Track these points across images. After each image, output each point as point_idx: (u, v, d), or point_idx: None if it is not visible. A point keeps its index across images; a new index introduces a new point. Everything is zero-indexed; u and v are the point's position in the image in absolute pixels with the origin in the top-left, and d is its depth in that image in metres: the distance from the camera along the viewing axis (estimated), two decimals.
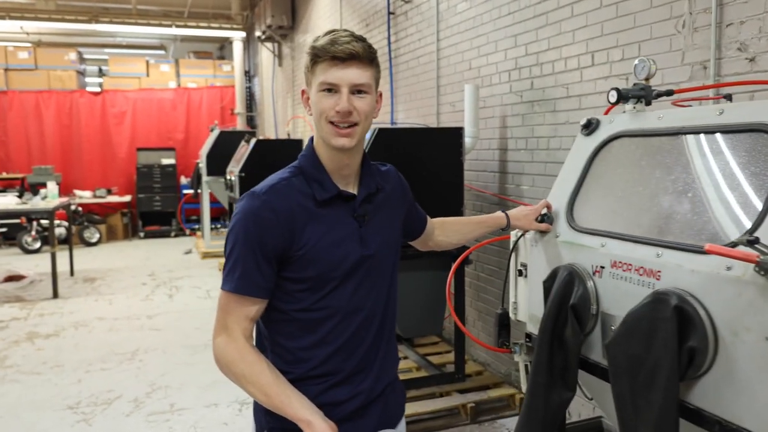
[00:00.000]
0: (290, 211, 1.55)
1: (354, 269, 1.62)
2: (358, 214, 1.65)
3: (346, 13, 7.38)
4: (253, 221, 1.53)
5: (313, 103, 1.59)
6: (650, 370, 1.53)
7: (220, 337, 1.58)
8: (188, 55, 14.38)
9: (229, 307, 1.56)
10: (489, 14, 4.37)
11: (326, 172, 1.62)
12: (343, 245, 1.60)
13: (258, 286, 1.55)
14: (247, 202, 1.56)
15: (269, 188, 1.57)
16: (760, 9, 2.56)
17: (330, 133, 1.57)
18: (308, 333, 1.61)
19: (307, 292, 1.59)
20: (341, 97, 1.54)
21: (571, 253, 1.93)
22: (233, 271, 1.54)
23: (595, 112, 3.40)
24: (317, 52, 1.54)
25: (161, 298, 7.35)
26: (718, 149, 1.66)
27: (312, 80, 1.58)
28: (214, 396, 4.43)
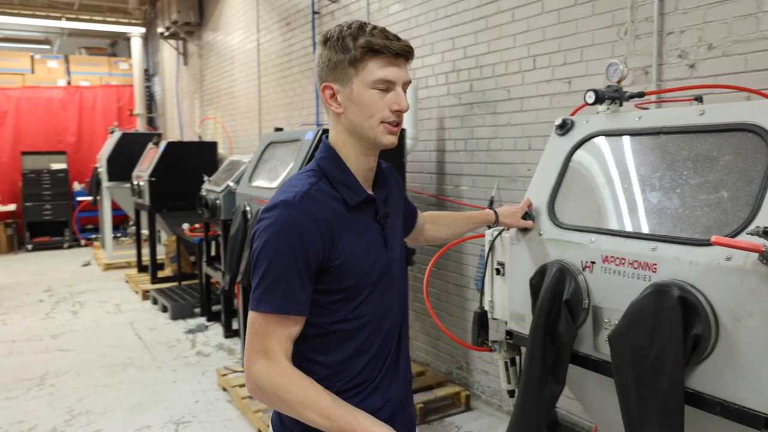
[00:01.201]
0: (328, 219, 1.47)
1: (382, 274, 1.59)
2: (381, 217, 1.61)
3: (264, 11, 7.24)
4: (296, 233, 1.42)
5: (357, 101, 1.49)
6: (655, 359, 1.59)
7: (258, 363, 1.43)
8: (79, 51, 13.54)
9: (269, 329, 1.43)
10: (425, 16, 4.42)
11: (353, 175, 1.56)
12: (372, 250, 1.56)
13: (302, 303, 1.45)
14: (283, 211, 1.44)
15: (303, 195, 1.46)
16: (699, 19, 2.74)
17: (382, 132, 1.51)
18: (345, 344, 1.55)
19: (343, 302, 1.53)
20: (398, 94, 1.50)
21: (557, 249, 1.99)
22: (273, 289, 1.42)
23: (537, 115, 3.54)
24: (375, 47, 1.45)
25: (64, 316, 6.82)
26: (702, 148, 1.76)
27: (355, 76, 1.48)
28: (145, 418, 4.16)
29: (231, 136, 8.48)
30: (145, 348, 5.62)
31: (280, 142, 4.35)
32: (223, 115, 8.88)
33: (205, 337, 5.92)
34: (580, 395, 2.17)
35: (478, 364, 4.18)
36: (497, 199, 3.86)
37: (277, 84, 7.00)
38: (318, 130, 3.85)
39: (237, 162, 6.02)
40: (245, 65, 7.95)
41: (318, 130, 3.82)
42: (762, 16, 2.50)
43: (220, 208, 5.42)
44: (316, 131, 3.85)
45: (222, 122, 8.83)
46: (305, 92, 6.34)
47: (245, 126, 8.09)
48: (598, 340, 1.87)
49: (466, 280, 4.20)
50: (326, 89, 1.53)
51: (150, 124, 12.79)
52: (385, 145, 1.54)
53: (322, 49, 1.52)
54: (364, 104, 1.49)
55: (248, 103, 7.92)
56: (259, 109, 7.54)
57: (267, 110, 7.35)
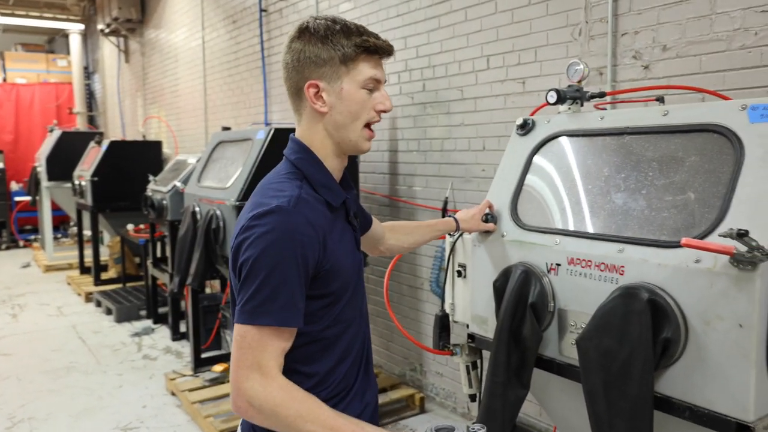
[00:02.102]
0: (322, 223, 1.41)
1: (358, 276, 1.56)
2: (352, 218, 1.57)
3: (209, 9, 7.05)
4: (297, 240, 1.33)
5: (346, 100, 1.43)
6: (623, 362, 1.57)
7: (251, 380, 1.32)
8: (15, 48, 12.99)
9: (264, 342, 1.33)
10: (376, 15, 4.36)
11: (331, 175, 1.50)
12: (350, 252, 1.52)
13: (301, 314, 1.37)
14: (281, 218, 1.34)
15: (297, 199, 1.38)
16: (653, 20, 2.76)
17: (362, 136, 1.48)
18: (329, 352, 1.48)
19: (328, 307, 1.46)
20: (383, 94, 1.47)
21: (520, 251, 1.95)
22: (272, 300, 1.32)
23: (491, 115, 3.52)
24: (370, 46, 1.42)
25: (3, 319, 6.53)
26: (667, 148, 1.75)
27: (345, 74, 1.42)
28: (91, 424, 4.00)
29: (176, 136, 8.25)
30: (89, 352, 5.40)
31: (230, 141, 4.22)
32: (168, 114, 8.63)
33: (152, 340, 5.73)
34: (542, 399, 2.15)
35: (432, 366, 4.15)
36: (451, 199, 3.82)
37: (223, 82, 6.83)
38: (269, 129, 3.74)
39: (183, 162, 5.84)
40: (190, 63, 7.73)
41: (269, 129, 3.71)
42: (716, 18, 2.52)
43: (166, 208, 5.26)
44: (267, 130, 3.74)
45: (166, 121, 8.57)
46: (253, 91, 6.20)
47: (191, 125, 7.87)
48: (563, 344, 1.84)
49: (420, 281, 4.16)
50: (311, 87, 1.44)
51: (90, 122, 12.36)
52: (363, 150, 1.50)
53: (302, 44, 1.43)
54: (354, 104, 1.44)
55: (193, 102, 7.71)
56: (205, 107, 7.35)
57: (213, 109, 7.16)
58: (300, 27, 1.45)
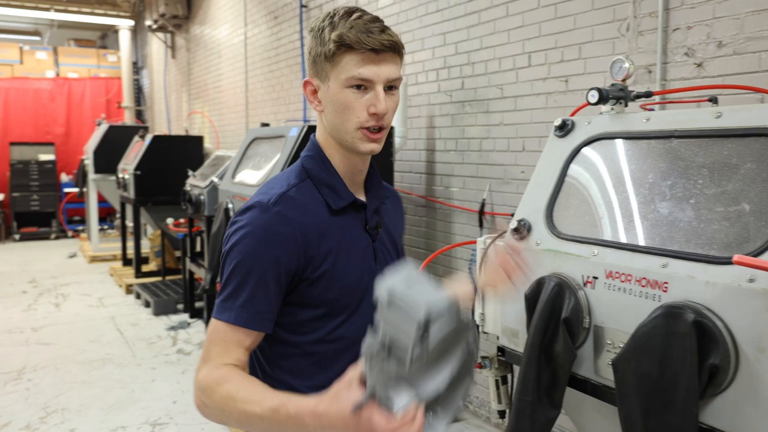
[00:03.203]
0: (306, 224, 1.32)
1: (370, 291, 1.37)
2: (371, 227, 1.44)
3: (251, 5, 7.04)
4: (264, 237, 1.28)
5: (333, 100, 1.32)
6: (665, 389, 1.43)
7: (202, 370, 1.28)
8: (68, 43, 13.30)
9: (221, 337, 1.29)
10: (415, 11, 4.24)
11: (339, 176, 1.40)
12: (360, 262, 1.40)
13: (264, 317, 1.29)
14: (256, 214, 1.30)
15: (280, 197, 1.32)
16: (708, 15, 2.58)
17: (357, 138, 1.33)
18: (321, 369, 1.37)
19: (323, 319, 1.36)
20: (377, 95, 1.29)
21: (555, 262, 1.82)
22: (234, 297, 1.28)
23: (532, 114, 3.37)
24: (349, 41, 1.27)
25: (47, 308, 6.64)
26: (719, 154, 1.59)
27: (332, 72, 1.31)
28: (121, 418, 4.00)
29: (218, 131, 8.28)
30: (125, 344, 5.44)
31: (264, 138, 4.17)
32: (210, 109, 8.68)
33: (187, 335, 5.74)
34: (577, 419, 2.01)
35: None
36: (489, 201, 3.69)
37: (264, 78, 6.81)
38: (303, 126, 3.67)
39: (222, 157, 5.84)
40: (232, 59, 7.75)
41: (303, 127, 3.64)
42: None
43: (203, 203, 5.25)
44: (300, 128, 3.67)
45: (209, 116, 8.62)
46: (292, 87, 6.15)
47: (232, 121, 7.89)
48: (599, 363, 1.70)
49: None
50: (307, 85, 1.38)
51: (138, 117, 12.56)
52: (363, 152, 1.35)
53: (309, 38, 1.37)
54: (340, 105, 1.31)
55: (235, 98, 7.73)
56: (245, 103, 7.35)
57: (254, 105, 7.16)
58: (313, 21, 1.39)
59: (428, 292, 1.01)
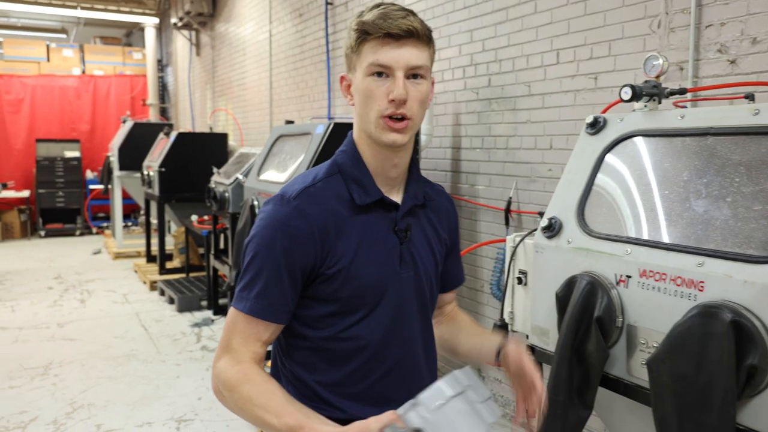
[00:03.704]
0: (324, 220, 1.32)
1: (391, 294, 1.37)
2: (400, 228, 1.40)
3: (276, 2, 7.06)
4: (280, 231, 1.29)
5: (357, 90, 1.33)
6: (701, 390, 1.41)
7: (222, 359, 1.33)
8: (94, 41, 13.46)
9: (238, 327, 1.32)
10: (441, 8, 4.23)
11: (369, 172, 1.38)
12: (379, 263, 1.36)
13: (277, 308, 1.31)
14: (275, 208, 1.33)
15: (301, 192, 1.33)
16: (742, 11, 2.53)
17: (380, 127, 1.30)
18: (333, 367, 1.37)
19: (336, 316, 1.35)
20: (395, 82, 1.27)
21: (587, 260, 1.80)
22: (249, 287, 1.31)
23: (560, 112, 3.34)
24: (366, 27, 1.28)
25: (72, 304, 6.72)
26: (757, 152, 1.57)
27: (357, 63, 1.32)
28: (146, 414, 4.04)
29: (242, 128, 8.33)
30: (150, 340, 5.50)
31: (290, 135, 4.18)
32: (234, 107, 8.73)
33: (211, 331, 5.78)
34: (608, 419, 1.99)
35: (490, 372, 4.00)
36: (515, 199, 3.67)
37: (288, 76, 6.83)
38: (329, 123, 3.67)
39: (246, 154, 5.87)
40: (257, 57, 7.78)
41: (329, 124, 3.65)
42: None
43: (228, 201, 5.29)
44: (326, 125, 3.68)
45: (233, 114, 8.68)
46: (317, 85, 6.16)
47: (256, 118, 7.93)
48: (632, 363, 1.69)
49: (480, 283, 4.01)
50: (343, 80, 1.41)
51: (162, 114, 12.68)
52: (385, 143, 1.32)
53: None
54: (363, 94, 1.31)
55: (259, 95, 7.76)
56: (270, 101, 7.38)
57: (278, 102, 7.18)
58: None
59: None
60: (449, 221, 1.58)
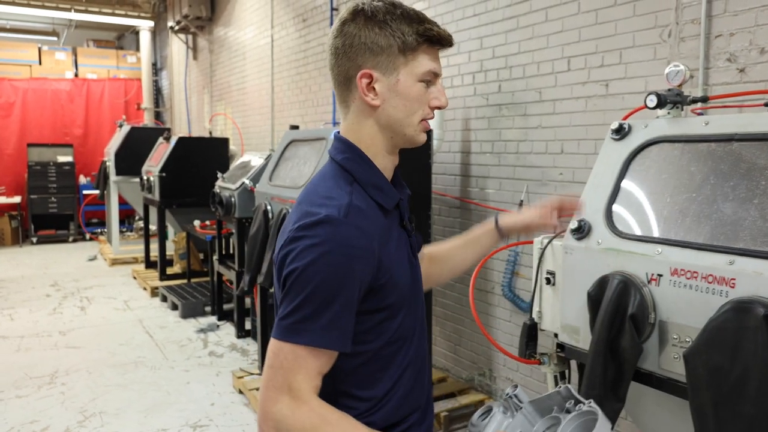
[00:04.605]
0: (376, 233, 1.28)
1: (416, 285, 1.43)
2: (407, 221, 1.44)
3: (278, 7, 7.13)
4: (346, 254, 1.21)
5: (403, 94, 1.31)
6: (737, 380, 1.50)
7: (280, 403, 1.21)
8: (87, 44, 13.43)
9: (298, 363, 1.21)
10: (451, 15, 4.32)
11: (383, 175, 1.38)
12: (406, 260, 1.40)
13: (347, 336, 1.25)
14: (331, 229, 1.22)
15: (348, 207, 1.26)
16: (751, 22, 2.65)
17: (420, 130, 1.36)
18: (386, 372, 1.36)
19: (383, 323, 1.33)
20: (440, 89, 1.36)
21: (617, 260, 1.89)
22: (313, 319, 1.21)
23: (571, 118, 3.44)
24: (434, 36, 1.30)
25: (72, 311, 6.70)
26: None
27: (403, 65, 1.30)
28: (160, 420, 4.06)
29: (242, 133, 8.37)
30: (156, 347, 5.52)
31: (303, 140, 4.25)
32: (234, 111, 8.78)
33: (217, 337, 5.82)
34: (635, 412, 2.08)
35: (501, 371, 4.09)
36: (526, 202, 3.77)
37: (291, 81, 6.90)
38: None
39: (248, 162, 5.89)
40: (258, 61, 7.84)
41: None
42: None
43: (235, 205, 5.34)
44: None
45: (233, 118, 8.72)
46: (321, 90, 6.24)
47: (257, 123, 7.99)
48: (663, 357, 1.78)
49: (491, 285, 4.10)
50: (364, 77, 1.31)
51: (157, 118, 12.68)
52: (419, 143, 1.39)
53: (356, 27, 1.30)
54: (410, 99, 1.32)
55: (260, 100, 7.82)
56: (272, 105, 7.44)
57: (280, 107, 7.25)
58: (354, 9, 1.31)
59: None
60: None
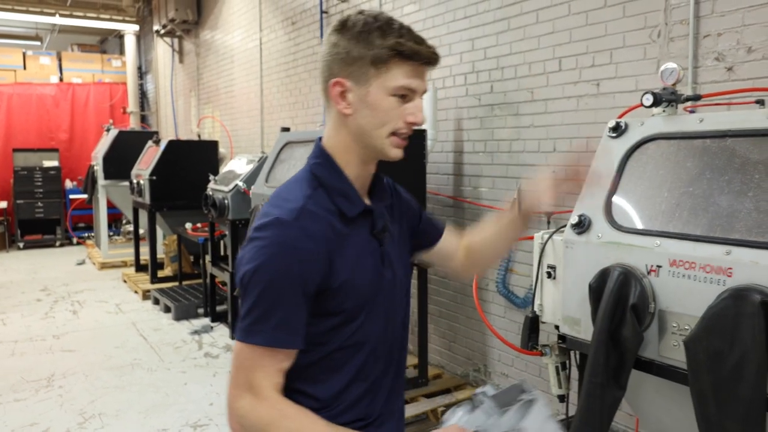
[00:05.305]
0: (327, 237, 1.31)
1: (379, 294, 1.43)
2: (378, 231, 1.44)
3: (267, 11, 7.17)
4: (291, 255, 1.26)
5: (372, 105, 1.33)
6: (735, 365, 1.58)
7: (242, 400, 1.29)
8: (72, 48, 13.36)
9: (257, 362, 1.28)
10: (442, 17, 4.39)
11: (350, 183, 1.40)
12: (370, 268, 1.41)
13: (298, 335, 1.30)
14: (277, 232, 1.27)
15: (300, 211, 1.30)
16: (738, 22, 2.74)
17: (389, 144, 1.36)
18: (337, 373, 1.39)
19: (340, 327, 1.37)
20: (417, 106, 1.36)
21: (617, 253, 1.96)
22: (265, 319, 1.26)
23: (563, 117, 3.52)
24: (406, 50, 1.30)
25: (65, 315, 6.67)
26: None
27: (376, 78, 1.31)
28: (160, 421, 4.08)
29: (231, 135, 8.39)
30: (151, 349, 5.53)
31: (298, 142, 4.30)
32: (222, 114, 8.80)
33: (212, 338, 5.83)
34: (634, 400, 2.16)
35: (497, 367, 4.16)
36: None
37: (281, 83, 6.94)
38: None
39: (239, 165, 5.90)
40: (246, 64, 7.87)
41: None
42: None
43: (228, 207, 5.37)
44: None
45: (221, 121, 8.74)
46: (311, 92, 6.29)
47: (246, 125, 8.01)
48: (662, 345, 1.85)
49: (485, 281, 4.17)
50: (336, 85, 1.34)
51: (143, 121, 12.64)
52: (391, 158, 1.39)
53: (338, 37, 1.34)
54: (379, 111, 1.33)
55: (249, 103, 7.85)
56: (261, 108, 7.47)
57: (270, 109, 7.28)
58: (341, 19, 1.36)
59: None
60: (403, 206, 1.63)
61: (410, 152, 4.44)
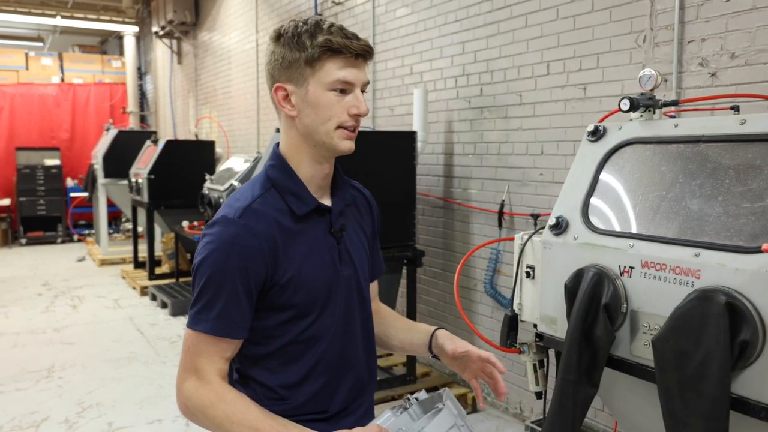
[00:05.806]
0: (271, 234, 1.39)
1: (336, 292, 1.49)
2: (335, 230, 1.51)
3: (263, 13, 7.22)
4: (232, 251, 1.35)
5: (313, 103, 1.40)
6: (700, 363, 1.62)
7: (188, 381, 1.39)
8: (72, 49, 13.45)
9: (200, 348, 1.38)
10: (434, 20, 4.44)
11: (302, 182, 1.47)
12: (325, 266, 1.47)
13: (238, 325, 1.39)
14: (222, 229, 1.37)
15: (245, 210, 1.39)
16: (722, 28, 2.78)
17: (337, 137, 1.42)
18: (292, 366, 1.47)
19: (293, 321, 1.44)
20: (357, 97, 1.42)
21: (592, 254, 2.00)
22: (208, 309, 1.36)
23: (550, 120, 3.56)
24: (334, 45, 1.36)
25: (65, 310, 6.81)
26: (744, 157, 1.79)
27: (312, 76, 1.39)
28: (155, 412, 4.17)
29: (228, 136, 8.44)
30: (147, 343, 5.62)
31: None
32: (219, 115, 8.85)
33: None
34: (608, 397, 2.19)
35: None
36: (507, 202, 3.89)
37: None
38: None
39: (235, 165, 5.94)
40: (243, 65, 7.92)
41: None
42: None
43: None
44: None
45: (219, 121, 8.79)
46: None
47: (242, 126, 8.07)
48: (634, 345, 1.89)
49: (473, 282, 4.22)
50: (279, 90, 1.43)
51: (142, 121, 12.72)
52: (342, 151, 1.45)
53: (274, 45, 1.43)
54: (321, 107, 1.40)
55: (246, 103, 7.90)
56: (257, 109, 7.52)
57: (266, 110, 7.33)
58: (276, 29, 1.45)
59: None
60: (370, 215, 1.70)
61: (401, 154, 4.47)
